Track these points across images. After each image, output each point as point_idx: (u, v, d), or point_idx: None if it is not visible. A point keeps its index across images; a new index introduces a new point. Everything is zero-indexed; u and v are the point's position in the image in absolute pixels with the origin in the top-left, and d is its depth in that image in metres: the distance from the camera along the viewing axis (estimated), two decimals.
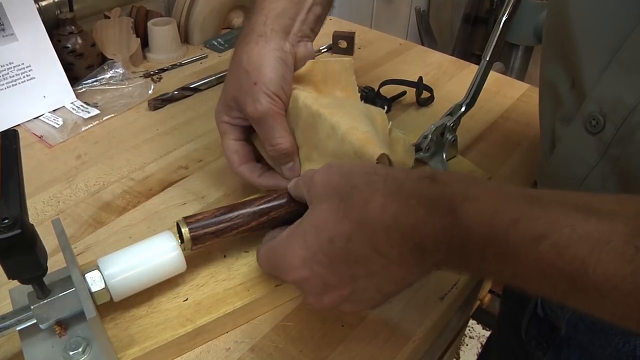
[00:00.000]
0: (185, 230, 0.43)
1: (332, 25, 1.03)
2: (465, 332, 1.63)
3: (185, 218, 0.44)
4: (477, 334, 1.64)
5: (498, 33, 0.56)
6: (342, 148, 0.47)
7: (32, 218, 0.57)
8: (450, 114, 0.60)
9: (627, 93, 0.40)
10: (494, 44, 0.57)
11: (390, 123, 0.53)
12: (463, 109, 0.59)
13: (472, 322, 1.66)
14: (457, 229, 0.30)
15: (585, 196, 0.29)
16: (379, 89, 0.77)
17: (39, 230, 0.36)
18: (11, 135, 0.42)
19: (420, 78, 0.78)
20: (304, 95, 0.51)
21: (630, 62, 0.40)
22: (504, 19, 0.56)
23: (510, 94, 0.81)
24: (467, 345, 1.61)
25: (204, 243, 0.44)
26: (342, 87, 0.55)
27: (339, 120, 0.47)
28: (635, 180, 0.42)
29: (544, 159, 0.54)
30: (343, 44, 0.92)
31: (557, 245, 0.27)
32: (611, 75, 0.41)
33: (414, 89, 0.78)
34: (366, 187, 0.34)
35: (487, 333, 1.64)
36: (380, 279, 0.35)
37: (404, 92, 0.78)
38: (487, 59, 0.58)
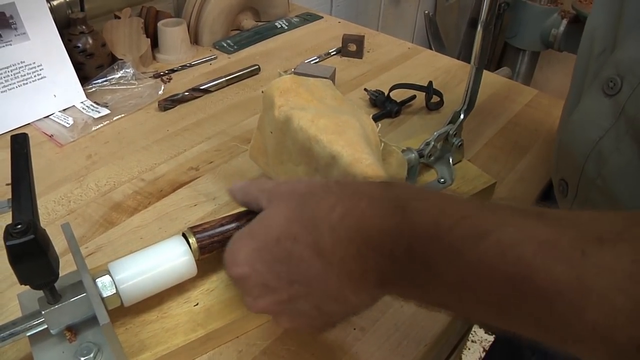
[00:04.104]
0: (192, 240, 0.43)
1: (340, 28, 1.03)
2: (468, 337, 1.62)
3: (191, 228, 0.44)
4: (479, 338, 1.64)
5: (480, 38, 0.56)
6: (347, 179, 0.46)
7: (43, 217, 0.57)
8: (452, 121, 0.60)
9: None
10: (479, 49, 0.57)
11: (383, 144, 0.52)
12: (462, 116, 0.59)
13: (475, 327, 1.66)
14: (403, 226, 0.30)
15: (540, 208, 0.28)
16: (389, 93, 0.77)
17: (50, 229, 0.36)
18: (22, 139, 0.41)
19: (430, 82, 0.78)
20: (298, 117, 0.49)
21: None
22: (482, 24, 0.55)
23: (519, 99, 0.81)
24: (469, 349, 1.61)
25: (211, 252, 0.44)
26: (330, 97, 0.54)
27: (340, 151, 0.46)
28: None
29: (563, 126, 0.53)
30: (352, 47, 0.92)
31: (501, 244, 0.26)
32: (632, 37, 0.41)
33: (424, 93, 0.78)
34: (322, 192, 0.35)
35: (490, 337, 1.63)
36: (319, 293, 0.34)
37: (414, 96, 0.78)
38: (477, 66, 0.57)
